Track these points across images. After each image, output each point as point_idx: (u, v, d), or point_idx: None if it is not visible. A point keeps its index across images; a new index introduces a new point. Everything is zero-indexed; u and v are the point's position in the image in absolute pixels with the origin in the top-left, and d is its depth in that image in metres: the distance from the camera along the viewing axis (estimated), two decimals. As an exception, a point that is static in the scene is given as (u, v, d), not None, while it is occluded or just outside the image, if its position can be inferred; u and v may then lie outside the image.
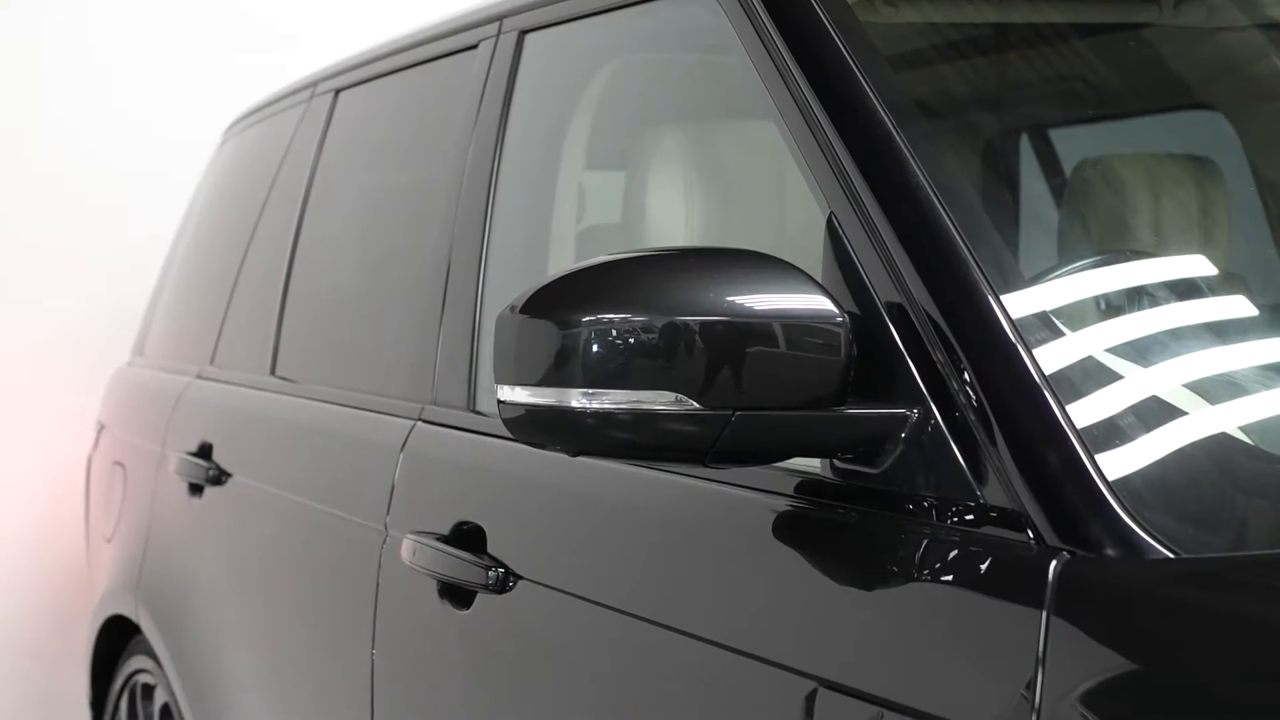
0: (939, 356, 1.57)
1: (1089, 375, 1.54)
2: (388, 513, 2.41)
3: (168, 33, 5.10)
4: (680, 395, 1.56)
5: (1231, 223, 2.09)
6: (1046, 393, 1.50)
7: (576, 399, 1.60)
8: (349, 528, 2.55)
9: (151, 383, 3.91)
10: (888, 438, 1.59)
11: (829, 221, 1.72)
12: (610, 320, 1.57)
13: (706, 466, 1.65)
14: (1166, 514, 1.43)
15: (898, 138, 1.71)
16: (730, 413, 1.56)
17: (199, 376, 3.54)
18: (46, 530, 4.98)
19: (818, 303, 1.60)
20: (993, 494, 1.49)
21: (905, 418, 1.58)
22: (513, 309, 1.65)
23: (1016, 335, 1.54)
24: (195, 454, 3.25)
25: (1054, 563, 1.39)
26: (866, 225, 1.68)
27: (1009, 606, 1.41)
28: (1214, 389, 1.63)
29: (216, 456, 3.17)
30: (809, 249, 2.27)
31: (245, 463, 3.07)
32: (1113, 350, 1.61)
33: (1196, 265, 1.97)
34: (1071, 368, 1.54)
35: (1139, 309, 1.75)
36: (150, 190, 4.99)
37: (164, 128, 5.04)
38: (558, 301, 1.62)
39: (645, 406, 1.57)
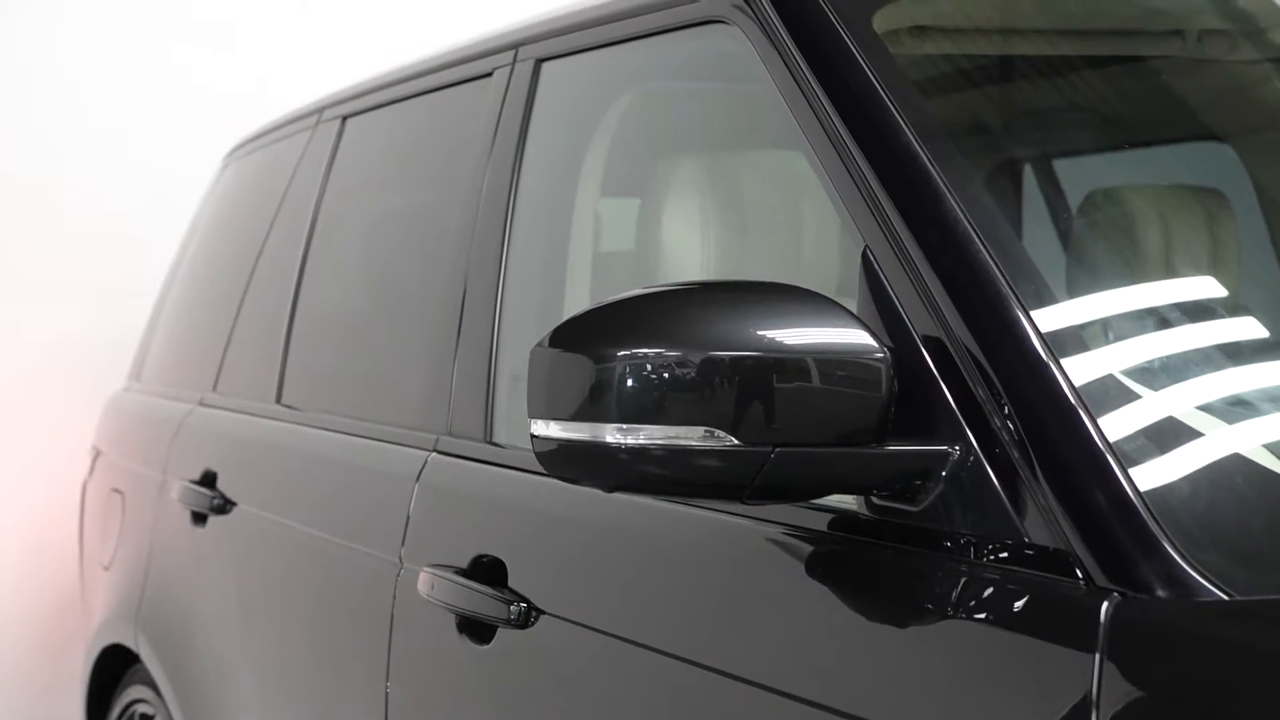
0: (980, 393, 1.55)
1: (1134, 411, 1.53)
2: (403, 545, 2.38)
3: (155, 57, 5.09)
4: (718, 431, 1.54)
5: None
6: (1092, 429, 1.48)
7: (611, 434, 1.58)
8: (361, 559, 2.52)
9: (151, 409, 3.88)
10: (928, 475, 1.57)
11: (864, 255, 1.71)
12: (646, 354, 1.56)
13: (743, 503, 1.63)
14: (1218, 554, 1.41)
15: (933, 170, 1.70)
16: (769, 449, 1.54)
17: (201, 403, 3.50)
18: (38, 555, 4.94)
19: (858, 338, 1.58)
20: (1037, 533, 1.48)
21: (946, 454, 1.56)
22: (546, 342, 1.63)
23: (1059, 370, 1.52)
24: (198, 482, 3.22)
25: (1105, 604, 1.37)
26: (903, 259, 1.66)
27: (1059, 648, 1.39)
28: (1265, 425, 1.62)
29: (221, 485, 3.14)
30: (827, 280, 2.27)
31: (251, 492, 3.04)
32: (1158, 386, 1.59)
33: (1246, 300, 1.96)
34: (1116, 403, 1.52)
35: (1184, 344, 1.73)
36: (141, 215, 4.98)
37: (154, 152, 5.03)
38: (592, 335, 1.61)
39: (682, 442, 1.56)
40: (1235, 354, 1.74)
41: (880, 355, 1.57)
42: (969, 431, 1.55)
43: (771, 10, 1.94)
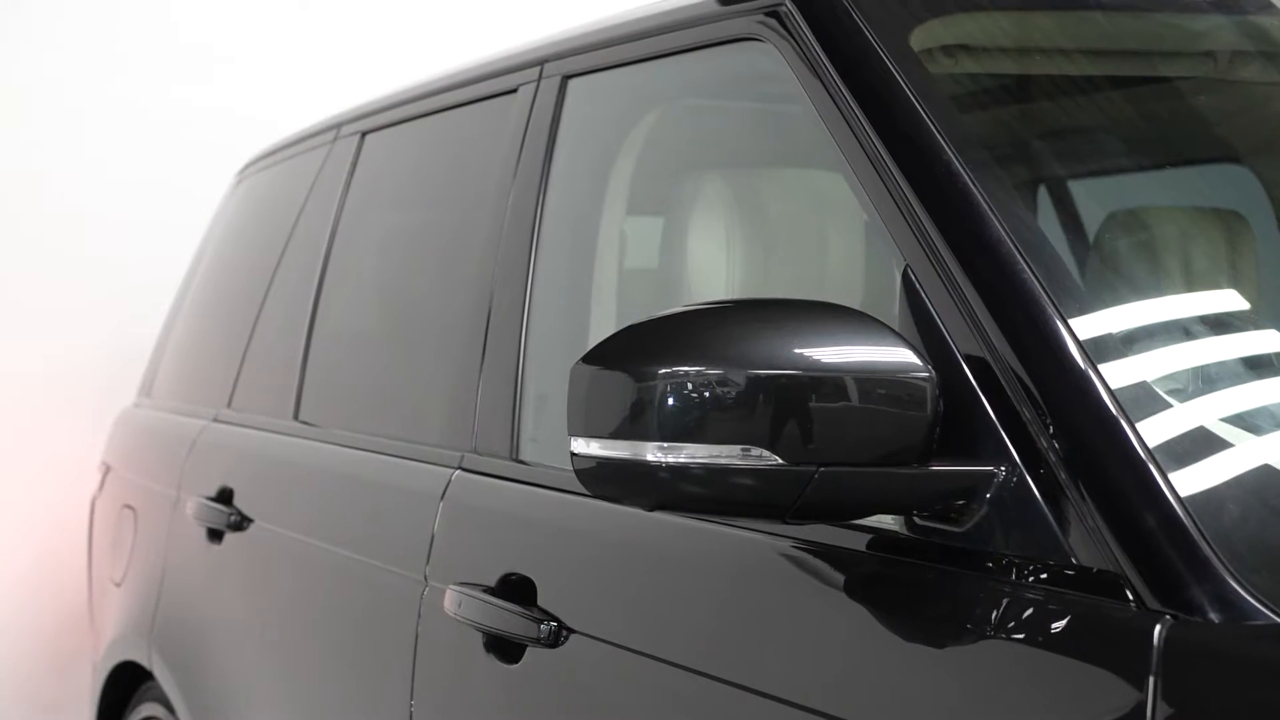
0: (1025, 412, 1.54)
1: (1183, 431, 1.52)
2: (427, 562, 2.37)
3: (159, 75, 5.10)
4: (761, 450, 1.53)
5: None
6: (1140, 449, 1.47)
7: (652, 452, 1.57)
8: (384, 577, 2.50)
9: (163, 425, 3.86)
10: (972, 495, 1.56)
11: (904, 274, 1.70)
12: (688, 372, 1.55)
13: (785, 523, 1.62)
14: (1271, 576, 1.40)
15: (975, 188, 1.69)
16: (814, 469, 1.53)
17: (216, 419, 3.49)
18: (45, 571, 4.93)
19: (903, 356, 1.57)
20: (1085, 554, 1.46)
21: (992, 475, 1.55)
22: (585, 360, 1.62)
23: (1106, 389, 1.51)
24: (214, 499, 3.21)
25: (1158, 626, 1.36)
26: (945, 278, 1.65)
27: (1111, 671, 1.37)
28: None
29: (238, 502, 3.13)
30: (853, 300, 2.26)
31: (269, 508, 3.03)
32: (1206, 405, 1.58)
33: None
34: (1164, 423, 1.51)
35: (1234, 363, 1.72)
36: (148, 232, 4.99)
37: (161, 168, 5.04)
38: (633, 352, 1.60)
39: (725, 461, 1.55)
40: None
41: (926, 374, 1.57)
42: (1014, 452, 1.54)
43: (807, 29, 1.93)
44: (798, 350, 1.55)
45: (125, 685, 3.77)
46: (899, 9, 1.96)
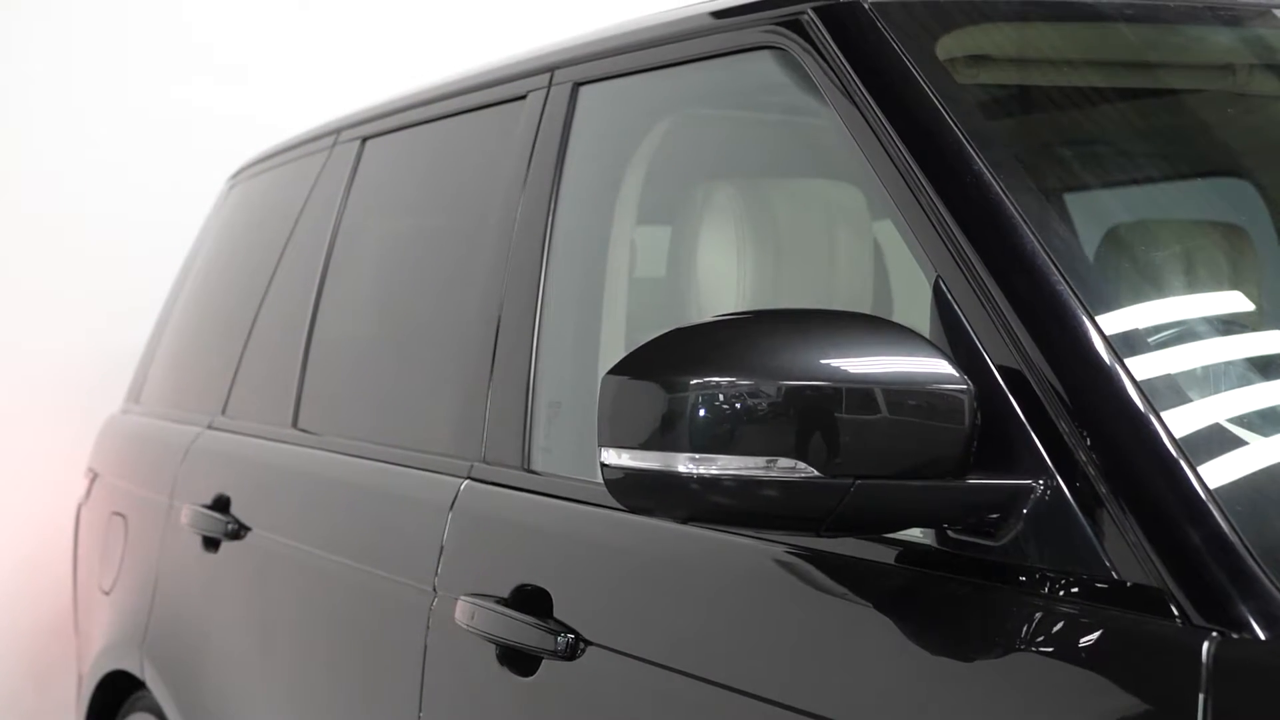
0: (1063, 425, 1.53)
1: (1225, 443, 1.51)
2: (436, 573, 2.34)
3: (156, 78, 5.07)
4: (796, 462, 1.52)
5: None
6: (1183, 463, 1.46)
7: (683, 464, 1.55)
8: (391, 587, 2.48)
9: (154, 432, 3.82)
10: (1009, 509, 1.54)
11: (936, 286, 1.68)
12: (720, 383, 1.53)
13: (819, 536, 1.60)
14: (1317, 592, 1.39)
15: (1006, 199, 1.68)
16: (850, 481, 1.52)
17: (210, 426, 3.46)
18: (25, 578, 4.88)
19: (940, 368, 1.56)
20: (1126, 569, 1.45)
21: (1029, 488, 1.53)
22: (615, 370, 1.61)
23: (1145, 401, 1.50)
24: (210, 506, 3.17)
25: (1205, 643, 1.34)
26: (978, 289, 1.64)
27: (1160, 690, 1.36)
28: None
29: (235, 510, 3.09)
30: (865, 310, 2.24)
31: (268, 517, 2.99)
32: (1247, 417, 1.57)
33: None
34: (1205, 435, 1.50)
35: (1275, 375, 1.71)
36: (136, 237, 4.95)
37: (151, 172, 5.01)
38: (663, 362, 1.58)
39: (758, 474, 1.53)
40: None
41: (963, 386, 1.55)
42: (1051, 465, 1.53)
43: (831, 39, 1.92)
44: (835, 361, 1.53)
45: (114, 695, 3.73)
46: (923, 19, 1.95)
